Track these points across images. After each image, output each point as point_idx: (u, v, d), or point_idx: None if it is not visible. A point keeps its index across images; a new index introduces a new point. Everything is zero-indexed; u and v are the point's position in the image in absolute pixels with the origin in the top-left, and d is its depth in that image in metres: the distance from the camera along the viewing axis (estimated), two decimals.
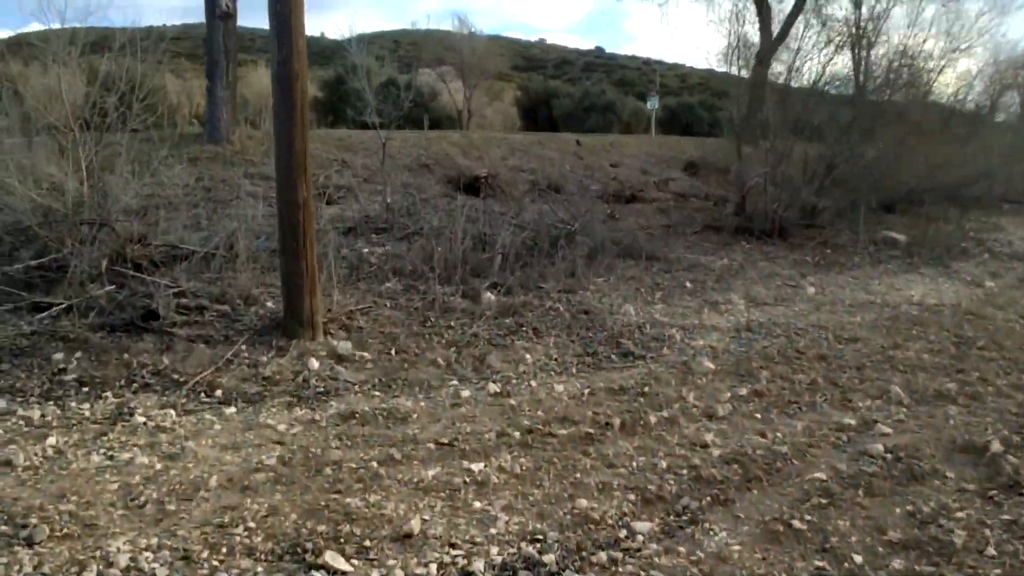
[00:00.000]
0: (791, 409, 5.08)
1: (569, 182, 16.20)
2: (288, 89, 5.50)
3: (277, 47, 5.47)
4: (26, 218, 6.24)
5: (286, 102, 5.51)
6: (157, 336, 5.49)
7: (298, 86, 5.52)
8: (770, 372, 5.81)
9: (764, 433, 4.60)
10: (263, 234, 8.44)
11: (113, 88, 7.14)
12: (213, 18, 14.50)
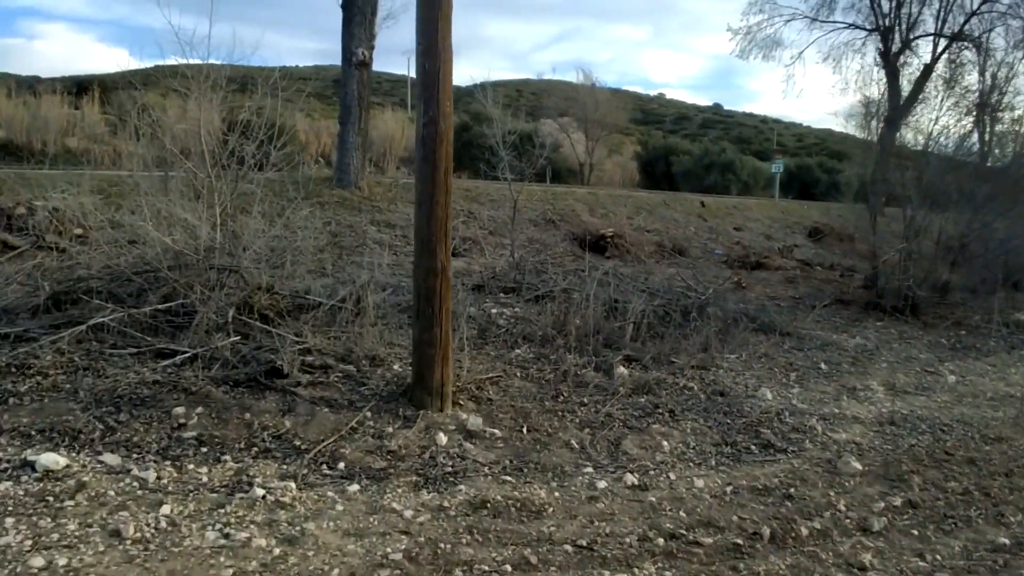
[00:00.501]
0: (947, 524, 4.69)
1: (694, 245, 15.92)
2: (432, 151, 5.37)
3: (424, 106, 5.36)
4: (156, 260, 6.36)
5: (429, 164, 5.38)
6: (280, 395, 5.37)
7: (443, 149, 5.38)
8: (921, 478, 5.39)
9: (923, 554, 4.23)
10: (388, 286, 8.40)
11: (251, 130, 7.29)
12: (349, 66, 14.99)
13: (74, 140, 26.00)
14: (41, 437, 4.42)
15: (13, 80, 34.78)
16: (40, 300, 6.08)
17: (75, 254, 7.71)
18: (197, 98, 7.09)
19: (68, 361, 5.33)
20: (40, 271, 7.66)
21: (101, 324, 5.74)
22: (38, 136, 25.40)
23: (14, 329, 5.65)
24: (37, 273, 7.59)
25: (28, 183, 9.07)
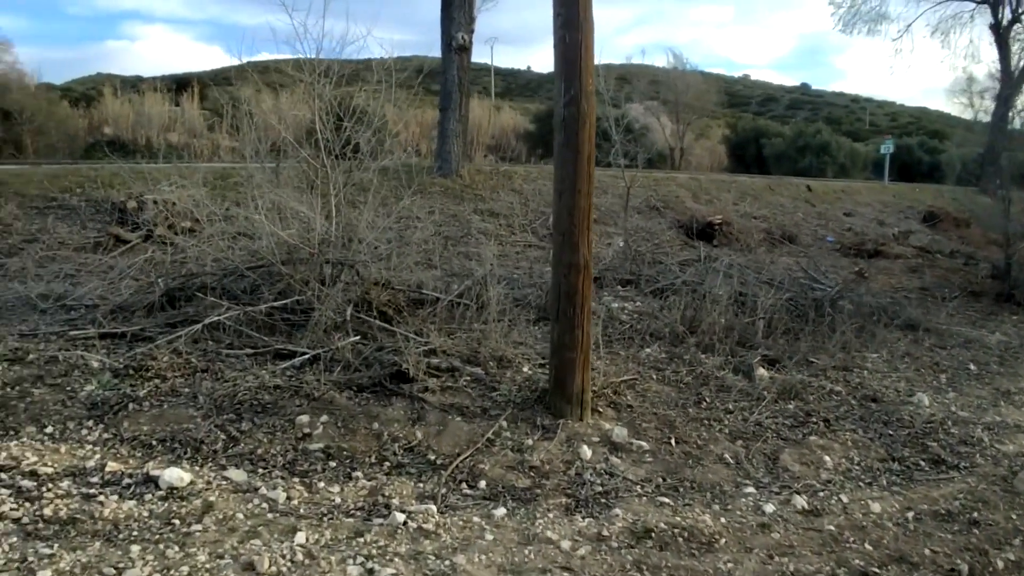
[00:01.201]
0: None
1: (803, 231, 15.16)
2: (574, 134, 4.82)
3: (564, 84, 4.81)
4: (270, 254, 6.03)
5: (571, 148, 4.83)
6: (408, 402, 4.94)
7: (586, 132, 4.83)
8: None
9: None
10: (502, 279, 7.92)
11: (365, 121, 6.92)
12: (449, 51, 14.58)
13: (175, 135, 26.58)
14: (162, 448, 4.10)
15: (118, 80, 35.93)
16: (155, 297, 5.82)
17: (186, 247, 7.47)
18: (306, 89, 6.74)
19: (185, 362, 5.02)
20: (152, 265, 7.49)
21: (217, 323, 5.42)
22: (142, 132, 26.05)
23: (131, 328, 5.40)
24: (149, 267, 7.42)
25: (140, 177, 8.94)
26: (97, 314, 5.74)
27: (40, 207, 9.22)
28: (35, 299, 6.20)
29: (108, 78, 41.77)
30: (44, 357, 4.93)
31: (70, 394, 4.51)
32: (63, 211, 9.24)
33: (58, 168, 10.76)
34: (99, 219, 9.10)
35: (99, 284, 6.74)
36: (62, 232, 8.65)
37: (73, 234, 8.62)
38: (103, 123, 26.74)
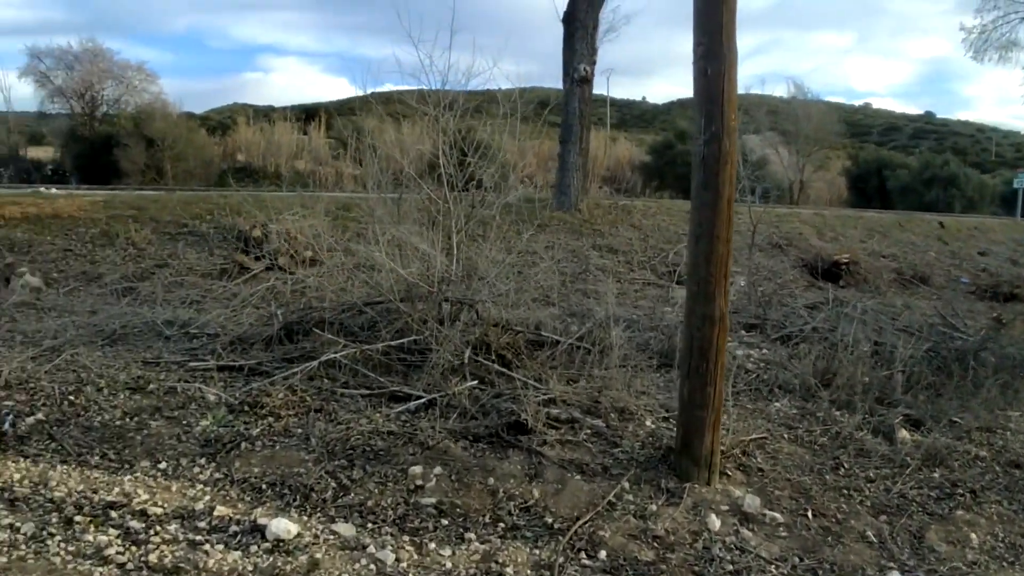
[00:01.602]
0: None
1: (936, 272, 14.27)
2: (714, 175, 4.44)
3: (704, 121, 4.45)
4: (389, 290, 5.90)
5: (710, 190, 4.45)
6: (525, 456, 4.64)
7: (726, 172, 4.44)
8: None
9: None
10: (622, 320, 7.57)
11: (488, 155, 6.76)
12: (570, 83, 14.42)
13: (302, 163, 27.58)
14: (272, 493, 3.93)
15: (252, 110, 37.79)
16: (273, 330, 5.76)
17: (305, 278, 7.48)
18: (430, 122, 6.62)
19: (300, 401, 4.90)
20: (272, 294, 7.52)
21: (333, 360, 5.29)
22: (272, 160, 27.18)
23: (248, 361, 5.34)
24: (270, 296, 7.45)
25: (266, 206, 9.09)
26: (217, 345, 5.72)
27: (172, 233, 9.52)
28: (161, 325, 6.28)
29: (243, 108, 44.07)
30: (164, 388, 4.91)
31: (185, 428, 4.44)
32: (193, 237, 9.50)
33: (191, 195, 11.15)
34: (226, 246, 9.30)
35: (222, 312, 6.78)
36: (191, 258, 8.87)
37: (201, 260, 8.83)
38: (236, 150, 28.10)
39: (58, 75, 28.01)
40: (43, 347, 5.68)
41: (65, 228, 9.83)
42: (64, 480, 3.82)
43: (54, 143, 29.83)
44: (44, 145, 30.93)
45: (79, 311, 7.00)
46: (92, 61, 28.07)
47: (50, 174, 25.52)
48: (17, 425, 4.32)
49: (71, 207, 10.35)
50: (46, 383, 4.94)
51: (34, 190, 13.35)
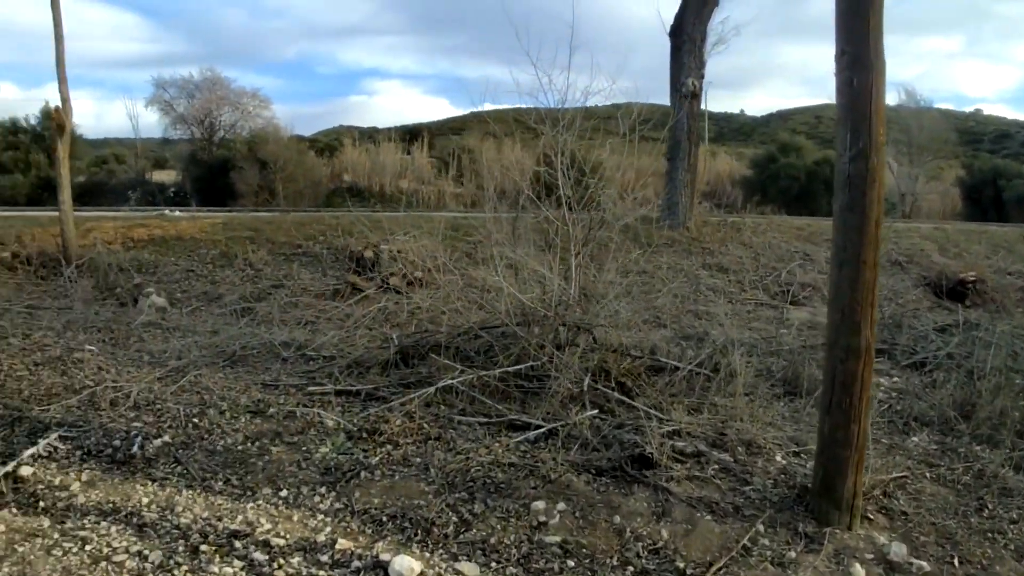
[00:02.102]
0: None
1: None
2: (860, 195, 4.07)
3: (850, 136, 4.09)
4: (505, 315, 5.74)
5: (856, 212, 4.09)
6: (651, 492, 4.36)
7: (874, 192, 4.07)
8: None
9: None
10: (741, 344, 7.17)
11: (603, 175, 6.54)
12: (678, 98, 14.07)
13: (405, 182, 28.00)
14: (392, 526, 3.79)
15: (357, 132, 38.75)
16: (389, 354, 5.67)
17: (417, 299, 7.41)
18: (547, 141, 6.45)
19: (418, 428, 4.77)
20: (384, 315, 7.48)
21: (449, 386, 5.15)
22: (377, 179, 27.69)
23: (365, 386, 5.26)
24: (382, 317, 7.42)
25: (377, 226, 9.13)
26: (334, 368, 5.68)
27: (287, 254, 9.68)
28: (278, 347, 6.30)
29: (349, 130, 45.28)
30: (283, 412, 4.88)
31: (305, 455, 4.37)
32: (307, 258, 9.64)
33: (304, 216, 11.35)
34: (339, 267, 9.39)
35: (336, 333, 6.77)
36: (305, 279, 8.97)
37: (315, 281, 8.92)
38: (343, 171, 28.75)
39: (180, 103, 29.43)
40: (168, 367, 5.78)
41: (188, 249, 10.17)
42: (189, 506, 3.79)
43: (176, 167, 31.29)
44: (167, 169, 32.47)
45: (201, 331, 7.14)
46: (211, 89, 29.35)
47: (172, 196, 26.72)
48: (145, 447, 4.35)
49: (193, 229, 10.71)
50: (172, 404, 4.98)
51: (159, 213, 13.92)
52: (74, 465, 4.22)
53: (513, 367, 5.40)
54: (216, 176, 24.97)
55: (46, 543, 3.43)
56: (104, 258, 9.56)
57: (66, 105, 9.78)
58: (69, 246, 9.59)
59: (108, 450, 4.37)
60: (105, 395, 5.13)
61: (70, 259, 9.38)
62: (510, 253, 5.90)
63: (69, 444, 4.43)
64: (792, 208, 22.47)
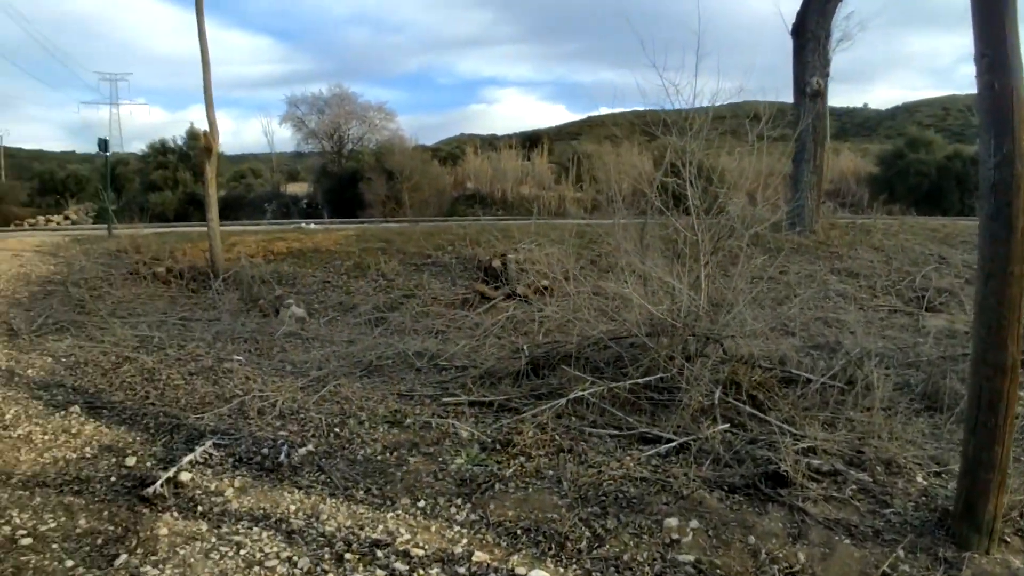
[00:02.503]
0: None
1: None
2: (1006, 203, 3.80)
3: (994, 141, 3.82)
4: (634, 325, 5.69)
5: (1002, 221, 3.82)
6: (786, 512, 4.22)
7: (1021, 200, 3.81)
8: None
9: None
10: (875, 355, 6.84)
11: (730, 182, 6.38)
12: (802, 97, 13.57)
13: (526, 188, 28.20)
14: (527, 539, 3.82)
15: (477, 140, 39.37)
16: (520, 365, 5.73)
17: (545, 308, 7.44)
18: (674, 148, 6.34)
19: (550, 440, 4.80)
20: (512, 324, 7.56)
21: (580, 398, 5.16)
22: (498, 186, 28.03)
23: (498, 396, 5.33)
24: (510, 326, 7.50)
25: (504, 235, 9.25)
26: (467, 378, 5.79)
27: (418, 264, 9.92)
28: (412, 357, 6.47)
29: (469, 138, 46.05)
30: (419, 422, 5.01)
31: (441, 466, 4.47)
32: (436, 268, 9.85)
33: (432, 226, 11.61)
34: (467, 276, 9.55)
35: (467, 343, 6.89)
36: (435, 288, 9.18)
37: (445, 290, 9.11)
38: (466, 179, 29.27)
39: (312, 119, 30.88)
40: (310, 377, 6.05)
41: (324, 261, 10.61)
42: (333, 514, 3.95)
43: (308, 179, 32.77)
44: (299, 181, 34.05)
45: (338, 341, 7.44)
46: (339, 104, 30.61)
47: (305, 207, 27.97)
48: (291, 456, 4.57)
49: (328, 241, 11.18)
50: (314, 414, 5.21)
51: (296, 226, 14.59)
52: (227, 471, 4.49)
53: (643, 379, 5.35)
54: (345, 187, 25.97)
55: (204, 546, 3.66)
56: (248, 271, 10.11)
57: (213, 128, 10.43)
58: (216, 260, 10.21)
59: (257, 458, 4.62)
60: (253, 404, 5.43)
61: (217, 273, 9.99)
62: (639, 263, 5.85)
63: (222, 451, 4.71)
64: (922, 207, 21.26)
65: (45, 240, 13.12)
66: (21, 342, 7.43)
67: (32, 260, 11.06)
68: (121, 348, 7.05)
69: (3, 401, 5.80)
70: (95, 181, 31.78)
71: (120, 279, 10.05)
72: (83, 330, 7.84)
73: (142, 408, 5.56)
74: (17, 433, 5.18)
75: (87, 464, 4.66)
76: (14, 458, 4.78)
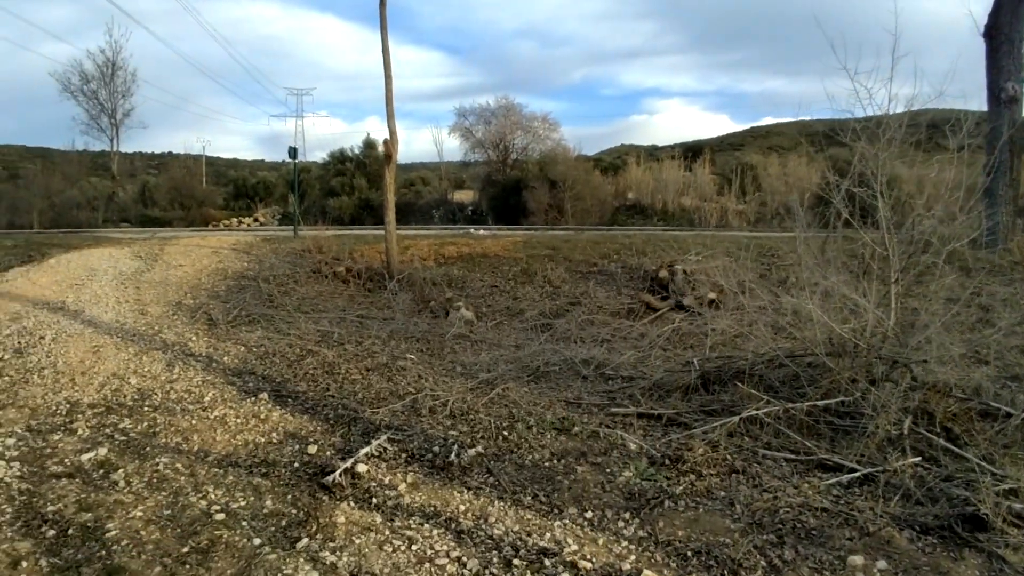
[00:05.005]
0: None
1: None
2: None
3: None
4: (813, 344, 5.30)
5: None
6: (983, 559, 3.74)
7: None
8: None
9: None
10: None
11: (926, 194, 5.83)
12: (996, 104, 12.42)
13: (687, 199, 27.51)
14: (697, 562, 3.61)
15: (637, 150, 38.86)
16: (690, 379, 5.49)
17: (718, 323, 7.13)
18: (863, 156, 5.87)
19: (721, 459, 4.54)
20: (679, 336, 7.30)
21: (754, 417, 4.85)
22: (659, 197, 27.51)
23: (666, 410, 5.11)
24: (676, 338, 7.25)
25: (670, 245, 8.98)
26: (634, 389, 5.61)
27: (583, 272, 9.81)
28: (578, 364, 6.36)
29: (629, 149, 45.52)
30: (587, 431, 4.89)
31: (609, 477, 4.33)
32: (602, 276, 9.70)
33: (597, 235, 11.48)
34: (632, 286, 9.34)
35: (632, 353, 6.71)
36: (600, 297, 9.03)
37: (610, 299, 8.94)
38: (627, 189, 28.92)
39: (479, 129, 31.53)
40: (479, 379, 6.07)
41: (491, 266, 10.71)
42: (501, 518, 3.90)
43: (473, 187, 33.51)
44: (464, 189, 34.88)
45: (505, 345, 7.45)
46: (506, 115, 31.09)
47: (470, 214, 28.58)
48: (461, 456, 4.56)
49: (496, 247, 11.28)
50: (483, 416, 5.21)
51: (465, 231, 14.88)
52: (400, 466, 4.55)
53: (822, 401, 4.97)
54: (509, 195, 26.29)
55: (378, 538, 3.71)
56: (420, 273, 10.36)
57: (393, 137, 10.76)
58: (392, 262, 10.53)
59: (428, 455, 4.65)
60: (425, 402, 5.50)
61: (392, 274, 10.29)
62: (822, 278, 5.45)
63: (396, 446, 4.79)
64: None
65: (240, 239, 14.05)
66: (219, 331, 7.93)
67: (229, 257, 11.85)
68: (305, 341, 7.38)
69: (203, 384, 6.22)
70: (281, 187, 33.98)
71: (304, 277, 10.57)
72: (272, 323, 8.29)
73: (323, 400, 5.78)
74: (214, 415, 5.54)
75: (273, 449, 4.89)
76: (211, 437, 5.11)
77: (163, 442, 5.01)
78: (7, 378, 6.26)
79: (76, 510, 3.96)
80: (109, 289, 9.33)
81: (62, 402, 5.79)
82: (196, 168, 36.69)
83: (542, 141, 31.34)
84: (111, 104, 36.60)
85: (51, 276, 9.77)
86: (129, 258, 11.28)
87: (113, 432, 5.18)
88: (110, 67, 36.49)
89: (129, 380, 6.30)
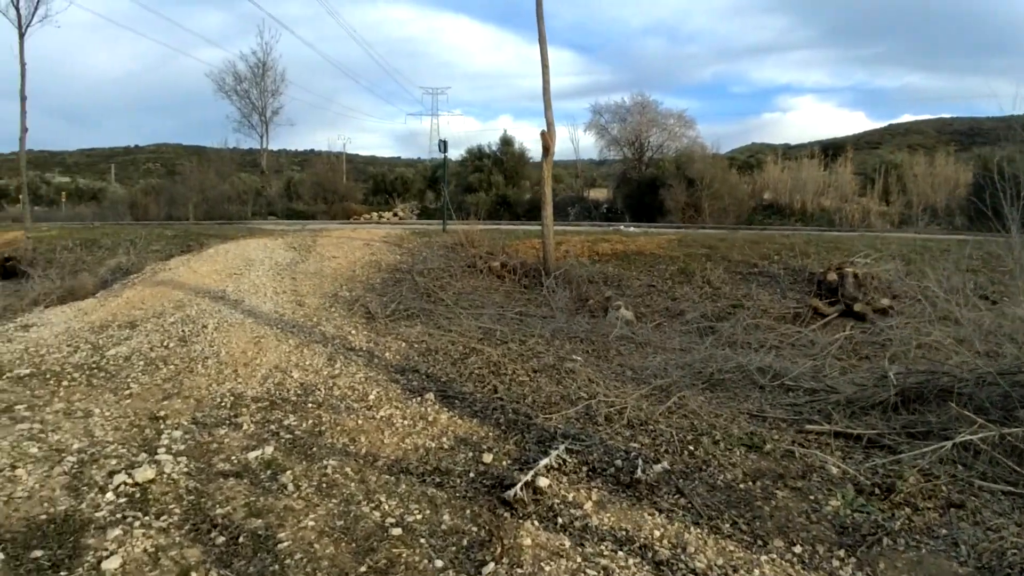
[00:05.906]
0: None
1: None
2: None
3: None
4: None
5: None
6: None
7: None
8: None
9: None
10: None
11: None
12: None
13: (827, 199, 25.89)
14: None
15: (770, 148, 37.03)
16: (889, 395, 4.87)
17: (885, 330, 6.42)
18: None
19: (935, 489, 3.95)
20: (852, 344, 6.64)
21: (966, 443, 4.21)
22: (797, 197, 26.03)
23: (866, 431, 4.53)
24: (848, 346, 6.59)
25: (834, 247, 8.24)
26: (823, 403, 5.05)
27: (743, 273, 9.18)
28: (754, 373, 5.83)
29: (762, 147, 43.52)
30: (780, 450, 4.40)
31: (814, 506, 3.83)
32: (764, 278, 9.04)
33: (752, 234, 10.78)
34: (797, 288, 8.64)
35: (805, 362, 6.11)
36: (763, 300, 8.40)
37: (774, 302, 8.30)
38: (764, 188, 27.54)
39: (614, 127, 30.80)
40: (651, 385, 5.65)
41: (647, 264, 10.22)
42: (701, 548, 3.48)
43: (607, 185, 32.88)
44: (598, 187, 34.31)
45: (670, 348, 6.98)
46: (641, 113, 30.22)
47: (605, 211, 28.00)
48: (647, 472, 4.17)
49: (650, 245, 10.78)
50: (664, 427, 4.79)
51: (615, 229, 14.40)
52: (582, 481, 4.19)
53: None
54: (645, 193, 25.53)
55: (570, 565, 3.35)
56: (576, 271, 9.98)
57: (551, 129, 10.31)
58: (548, 258, 10.17)
59: (611, 469, 4.28)
60: (599, 409, 5.12)
61: (549, 270, 9.93)
62: None
63: (575, 458, 4.43)
64: None
65: (390, 232, 14.12)
66: (378, 325, 7.80)
67: (381, 249, 11.86)
68: (467, 339, 7.15)
69: (366, 381, 6.02)
70: (418, 183, 34.48)
71: (459, 271, 10.39)
72: (431, 318, 8.11)
73: (491, 402, 5.48)
74: (380, 415, 5.31)
75: (445, 455, 4.62)
76: (379, 440, 4.88)
77: (329, 443, 4.82)
78: (172, 367, 6.30)
79: (245, 515, 3.79)
80: (266, 279, 9.42)
81: (226, 394, 5.74)
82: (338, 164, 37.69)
83: (677, 139, 30.28)
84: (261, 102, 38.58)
85: (211, 265, 10.00)
86: (283, 249, 11.45)
87: (278, 429, 5.04)
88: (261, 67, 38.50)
89: (291, 374, 6.21)
